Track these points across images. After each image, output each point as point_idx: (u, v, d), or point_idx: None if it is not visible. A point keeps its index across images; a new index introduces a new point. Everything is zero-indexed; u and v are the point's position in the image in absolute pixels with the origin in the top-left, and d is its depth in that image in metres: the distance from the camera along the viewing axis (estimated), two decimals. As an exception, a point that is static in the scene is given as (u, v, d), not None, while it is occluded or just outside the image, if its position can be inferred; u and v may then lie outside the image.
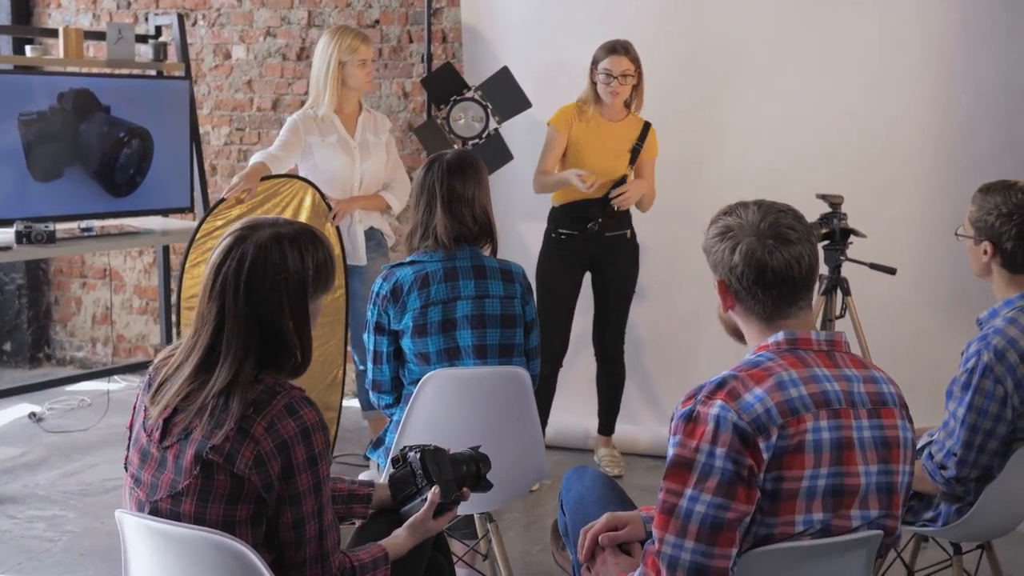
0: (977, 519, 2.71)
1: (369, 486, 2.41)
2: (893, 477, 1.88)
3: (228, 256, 1.93)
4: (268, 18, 5.73)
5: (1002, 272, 2.76)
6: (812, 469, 1.79)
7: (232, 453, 1.85)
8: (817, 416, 1.80)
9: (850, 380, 1.88)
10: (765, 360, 1.86)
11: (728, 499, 1.75)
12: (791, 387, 1.81)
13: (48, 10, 6.16)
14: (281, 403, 1.89)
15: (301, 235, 1.97)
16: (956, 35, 4.40)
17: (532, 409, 2.93)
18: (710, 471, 1.76)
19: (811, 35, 4.56)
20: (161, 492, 1.92)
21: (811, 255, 1.91)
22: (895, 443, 1.88)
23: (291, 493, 1.89)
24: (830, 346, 1.91)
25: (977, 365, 2.64)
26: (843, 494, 1.82)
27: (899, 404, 1.93)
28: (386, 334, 2.95)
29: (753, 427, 1.76)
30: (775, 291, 1.89)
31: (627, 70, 4.19)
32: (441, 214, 2.93)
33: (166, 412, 1.93)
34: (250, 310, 1.91)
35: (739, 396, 1.79)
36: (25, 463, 4.67)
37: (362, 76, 4.26)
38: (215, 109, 5.89)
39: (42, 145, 4.53)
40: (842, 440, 1.82)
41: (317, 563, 1.96)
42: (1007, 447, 2.67)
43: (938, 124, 4.45)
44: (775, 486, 1.78)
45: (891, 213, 4.43)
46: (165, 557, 1.92)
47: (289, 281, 1.92)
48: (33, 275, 6.28)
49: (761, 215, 1.91)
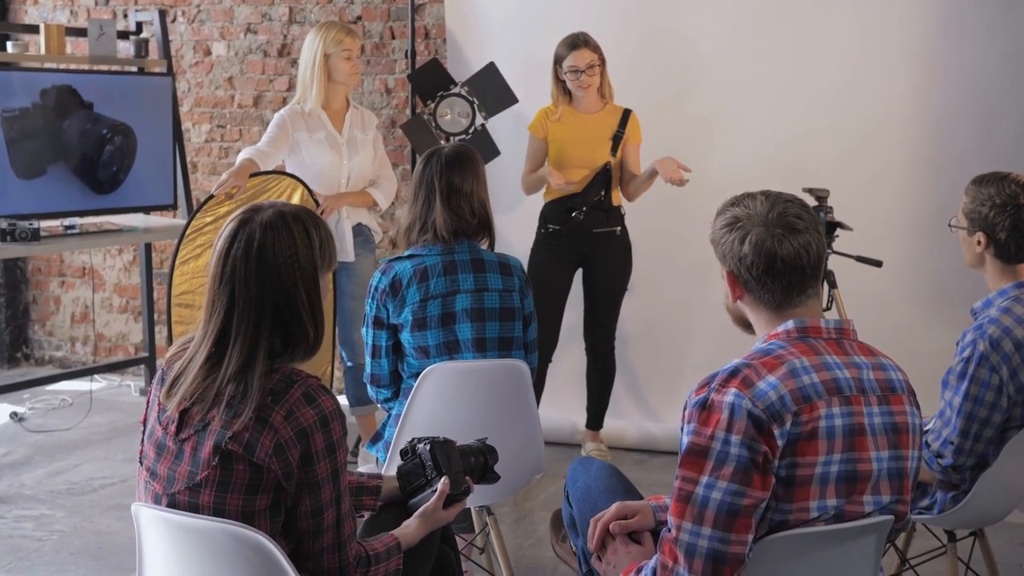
0: (972, 506, 2.75)
1: (377, 478, 2.41)
2: (903, 463, 1.90)
3: (235, 240, 1.93)
4: (249, 14, 5.70)
5: (995, 262, 2.80)
6: (825, 455, 1.81)
7: (252, 442, 1.86)
8: (830, 403, 1.82)
9: (860, 367, 1.90)
10: (777, 348, 1.88)
11: (744, 485, 1.77)
12: (803, 375, 1.83)
13: (24, 6, 6.09)
14: (299, 391, 1.89)
15: (303, 212, 2.00)
16: (937, 30, 4.45)
17: (531, 402, 2.95)
18: (726, 458, 1.78)
19: (795, 28, 4.60)
20: (179, 484, 1.92)
21: (819, 244, 1.92)
22: (905, 429, 1.91)
23: (310, 481, 1.90)
24: (839, 334, 1.93)
25: (973, 354, 2.68)
26: (856, 479, 1.85)
27: (907, 391, 1.95)
28: (385, 328, 2.95)
29: (767, 414, 1.78)
30: (785, 280, 1.90)
31: (592, 61, 4.23)
32: (440, 208, 2.94)
33: (183, 404, 1.92)
34: (262, 291, 1.91)
35: (752, 384, 1.81)
36: (9, 463, 4.62)
37: (347, 69, 4.24)
38: (196, 106, 5.85)
39: (24, 142, 4.49)
40: (854, 426, 1.84)
41: (334, 552, 1.97)
42: (1002, 435, 2.72)
43: (921, 118, 4.50)
44: (789, 472, 1.80)
45: (876, 206, 4.48)
46: (182, 550, 1.92)
47: (299, 256, 1.94)
48: (11, 274, 6.22)
49: (769, 205, 1.93)
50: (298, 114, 4.27)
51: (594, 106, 4.34)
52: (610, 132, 4.32)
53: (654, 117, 4.49)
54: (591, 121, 4.33)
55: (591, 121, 4.33)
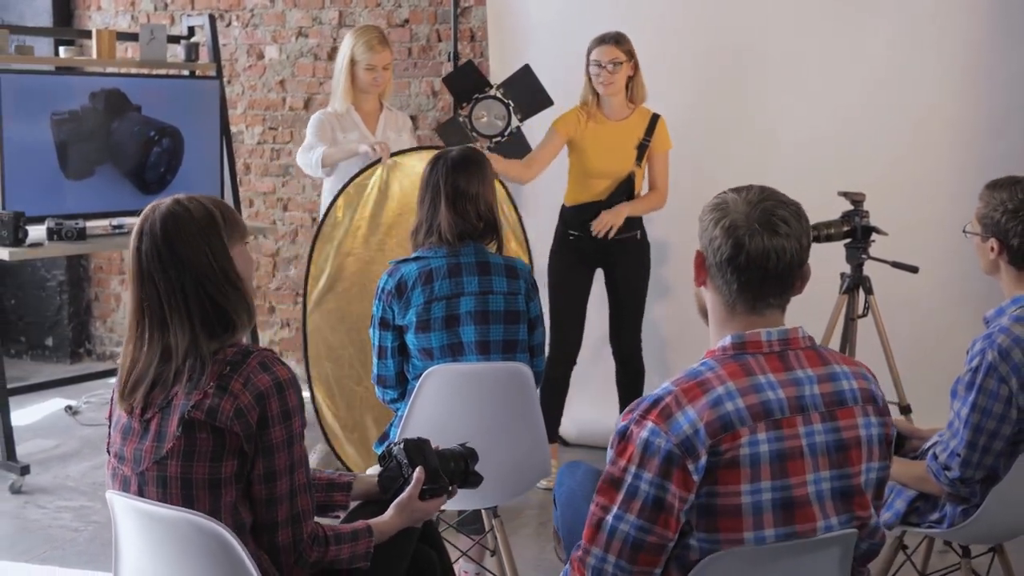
0: (983, 521, 2.67)
1: (349, 475, 2.45)
2: (852, 480, 1.81)
3: (142, 236, 2.03)
4: (300, 18, 5.80)
5: (1009, 269, 2.72)
6: (751, 484, 1.73)
7: (213, 408, 1.95)
8: (754, 429, 1.74)
9: (801, 383, 1.80)
10: (706, 371, 1.80)
11: (651, 523, 1.73)
12: (727, 401, 1.75)
13: (89, 12, 6.28)
14: (255, 361, 2.00)
15: (196, 196, 2.08)
16: (984, 30, 4.33)
17: (535, 406, 2.94)
18: (635, 492, 1.74)
19: (834, 30, 4.52)
20: (146, 462, 2.00)
21: (795, 254, 1.82)
22: (854, 444, 1.81)
23: (264, 444, 1.98)
24: (783, 345, 1.83)
25: (981, 364, 2.60)
26: (792, 506, 1.76)
27: (864, 399, 1.85)
28: (390, 329, 2.97)
29: (682, 449, 1.72)
30: (744, 276, 1.82)
31: (616, 58, 4.17)
32: (445, 211, 2.95)
33: (142, 390, 2.01)
34: (180, 274, 1.99)
35: (671, 416, 1.74)
36: (58, 455, 4.77)
37: (368, 80, 4.27)
38: (249, 108, 5.96)
39: (74, 144, 4.64)
40: (784, 451, 1.75)
41: (288, 526, 2.03)
42: (1013, 448, 2.63)
43: (965, 120, 4.39)
44: (710, 501, 1.74)
45: (916, 210, 4.37)
46: (151, 537, 1.98)
47: (206, 233, 2.01)
48: (74, 272, 6.41)
49: (760, 198, 1.84)
50: (331, 115, 4.33)
51: (621, 112, 4.29)
52: (636, 140, 4.27)
53: (692, 118, 4.44)
54: (615, 129, 4.28)
55: (615, 129, 4.28)
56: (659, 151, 4.31)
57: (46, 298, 6.40)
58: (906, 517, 2.82)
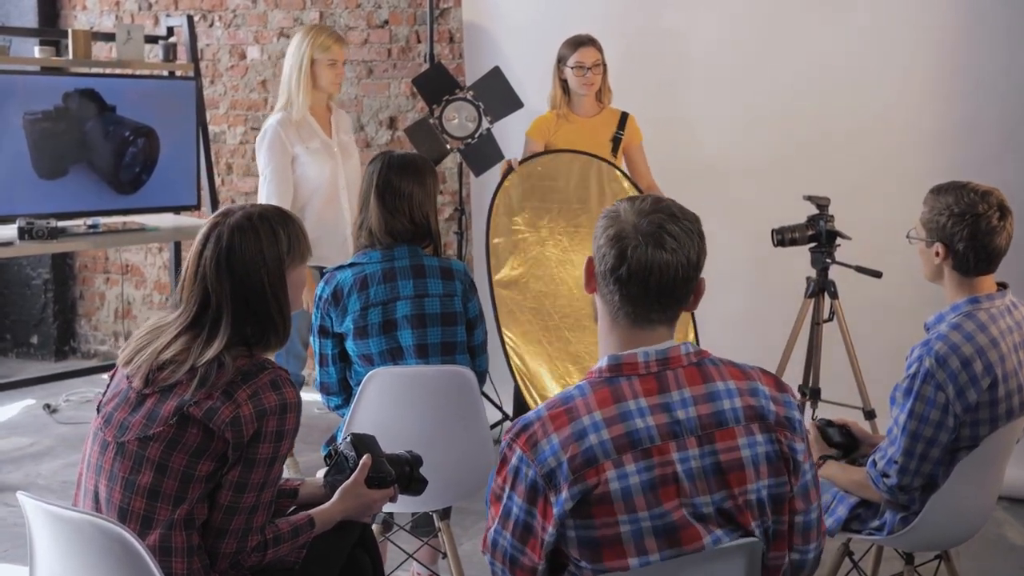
0: (923, 529, 2.65)
1: (296, 482, 2.45)
2: (731, 502, 1.74)
3: (207, 241, 2.11)
4: (281, 19, 5.81)
5: (953, 275, 2.70)
6: (626, 515, 1.69)
7: (212, 410, 2.00)
8: (620, 462, 1.69)
9: (673, 408, 1.73)
10: (577, 396, 1.75)
11: (523, 544, 1.74)
12: (591, 433, 1.70)
13: (74, 12, 6.30)
14: (267, 377, 2.05)
15: (271, 212, 2.16)
16: (954, 32, 4.30)
17: (477, 407, 2.93)
18: (509, 513, 1.75)
19: (803, 30, 4.49)
20: (131, 434, 2.05)
21: (680, 271, 1.75)
22: (735, 466, 1.74)
23: (248, 456, 2.02)
24: (662, 365, 1.76)
25: (919, 371, 2.58)
26: (676, 530, 1.71)
27: (747, 418, 1.76)
28: (330, 337, 2.98)
29: (545, 481, 1.70)
30: (624, 290, 1.76)
31: (597, 60, 4.25)
32: (374, 206, 2.93)
33: (154, 360, 2.06)
34: (231, 287, 2.07)
35: (537, 443, 1.71)
36: (32, 453, 4.79)
37: (331, 76, 4.18)
38: (231, 109, 5.98)
39: (47, 143, 4.65)
40: (655, 480, 1.70)
41: (236, 537, 2.06)
42: (952, 456, 2.61)
43: (934, 124, 4.36)
44: (588, 534, 1.71)
45: (882, 215, 4.33)
46: (60, 538, 2.01)
47: (265, 254, 2.10)
48: (59, 270, 6.44)
49: (652, 209, 1.77)
50: (288, 125, 4.17)
51: (591, 110, 4.34)
52: (609, 134, 4.33)
53: (658, 121, 4.43)
54: (589, 125, 4.32)
55: (589, 125, 4.32)
56: (634, 144, 4.36)
57: (31, 296, 6.43)
58: (848, 524, 2.80)
